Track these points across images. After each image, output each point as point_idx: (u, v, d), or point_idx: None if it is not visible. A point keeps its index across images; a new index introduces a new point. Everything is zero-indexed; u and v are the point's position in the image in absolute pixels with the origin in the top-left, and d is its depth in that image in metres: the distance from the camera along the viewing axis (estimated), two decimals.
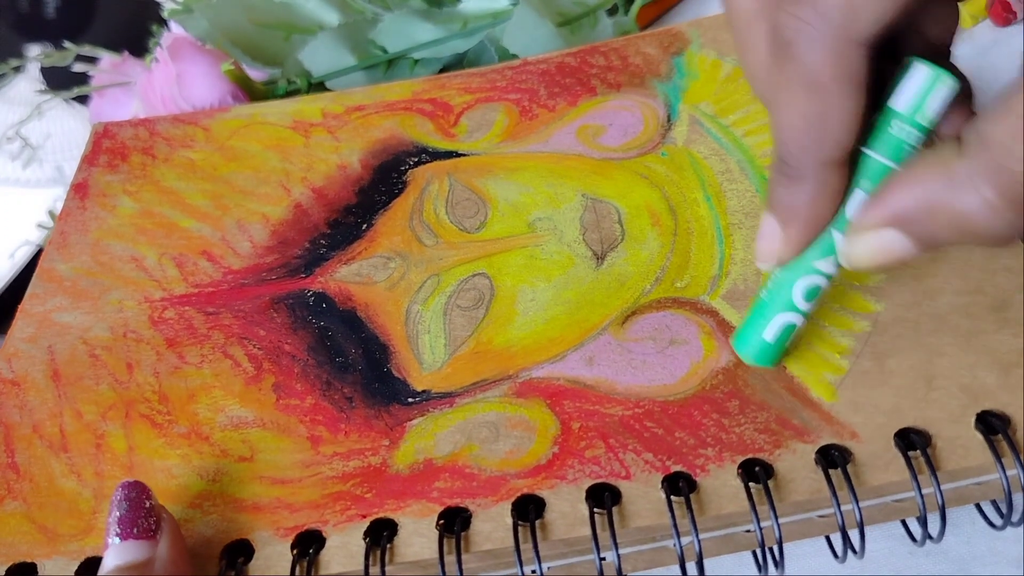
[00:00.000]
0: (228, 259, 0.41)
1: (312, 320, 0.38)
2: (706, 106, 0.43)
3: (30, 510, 0.33)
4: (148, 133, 0.48)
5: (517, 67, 0.47)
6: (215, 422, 0.35)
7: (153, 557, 0.29)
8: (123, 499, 0.29)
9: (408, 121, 0.46)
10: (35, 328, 0.39)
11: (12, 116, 0.63)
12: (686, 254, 0.37)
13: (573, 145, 0.43)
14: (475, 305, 0.37)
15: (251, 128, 0.47)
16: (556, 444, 0.32)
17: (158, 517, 0.30)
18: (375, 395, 0.35)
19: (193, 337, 0.38)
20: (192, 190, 0.44)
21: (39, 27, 0.76)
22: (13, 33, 0.75)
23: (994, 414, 0.30)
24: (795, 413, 0.32)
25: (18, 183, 0.64)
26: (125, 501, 0.29)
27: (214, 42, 0.52)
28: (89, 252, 0.42)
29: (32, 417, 0.36)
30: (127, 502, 0.29)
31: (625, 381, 0.34)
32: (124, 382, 0.37)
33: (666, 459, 0.31)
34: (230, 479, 0.33)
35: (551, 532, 0.30)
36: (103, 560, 0.29)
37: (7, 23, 0.76)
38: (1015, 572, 0.33)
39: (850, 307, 0.34)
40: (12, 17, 0.76)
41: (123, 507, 0.29)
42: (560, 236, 0.39)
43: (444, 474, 0.32)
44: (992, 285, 0.34)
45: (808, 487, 0.30)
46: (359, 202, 0.42)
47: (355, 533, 0.31)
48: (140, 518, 0.29)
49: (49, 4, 0.75)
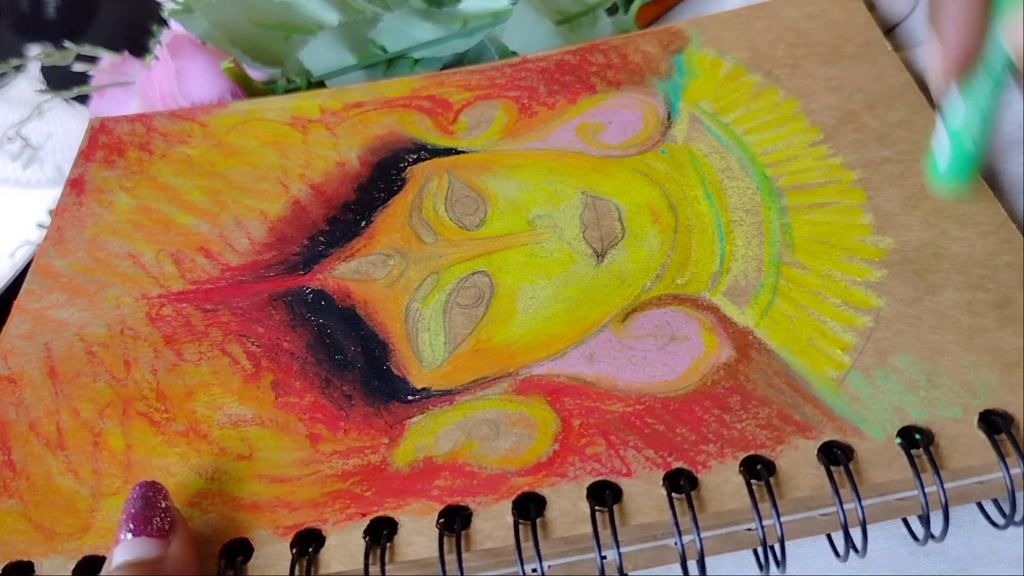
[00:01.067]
0: (226, 256, 0.41)
1: (311, 317, 0.38)
2: (706, 104, 0.43)
3: (27, 508, 0.33)
4: (145, 129, 0.47)
5: (516, 64, 0.47)
6: (213, 420, 0.34)
7: (165, 556, 0.29)
8: (139, 497, 0.30)
9: (407, 118, 0.45)
10: (31, 325, 0.39)
11: (12, 116, 0.63)
12: (686, 251, 0.37)
13: (573, 142, 0.43)
14: (475, 303, 0.37)
15: (249, 124, 0.47)
16: (557, 441, 0.32)
17: (172, 518, 0.30)
18: (375, 393, 0.35)
19: (191, 334, 0.38)
20: (189, 186, 0.44)
21: (39, 27, 0.76)
22: (13, 33, 0.75)
23: (997, 413, 0.30)
24: (797, 409, 0.31)
25: (18, 183, 0.64)
26: (141, 499, 0.29)
27: (214, 42, 0.52)
28: (85, 248, 0.42)
29: (29, 414, 0.36)
30: (143, 500, 0.29)
31: (626, 378, 0.33)
32: (122, 379, 0.36)
33: (667, 455, 0.31)
34: (229, 477, 0.33)
35: (552, 530, 0.30)
36: (112, 555, 0.29)
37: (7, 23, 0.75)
38: (1015, 572, 0.32)
39: (852, 303, 0.34)
40: (12, 17, 0.76)
41: (138, 504, 0.29)
42: (560, 233, 0.39)
43: (444, 472, 0.32)
44: (994, 282, 0.34)
45: (810, 483, 0.30)
46: (358, 199, 0.42)
47: (355, 532, 0.30)
48: (155, 516, 0.29)
49: (49, 4, 0.75)
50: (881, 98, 0.41)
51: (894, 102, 0.40)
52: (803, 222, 0.37)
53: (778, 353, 0.33)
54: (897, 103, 0.40)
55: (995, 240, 0.35)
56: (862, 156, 0.39)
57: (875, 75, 0.42)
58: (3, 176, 0.64)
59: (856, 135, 0.40)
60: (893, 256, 0.35)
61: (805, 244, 0.36)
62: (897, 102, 0.40)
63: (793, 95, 0.42)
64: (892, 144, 0.39)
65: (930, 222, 0.36)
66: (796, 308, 0.34)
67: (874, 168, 0.38)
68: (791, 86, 0.42)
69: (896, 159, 0.38)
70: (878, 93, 0.41)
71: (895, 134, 0.39)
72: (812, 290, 0.35)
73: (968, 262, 0.34)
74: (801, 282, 0.35)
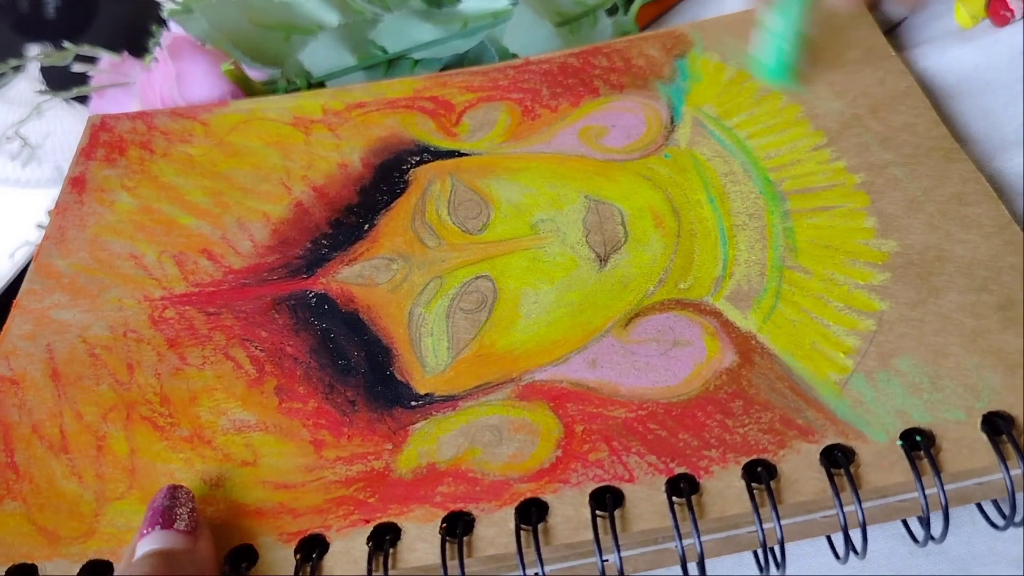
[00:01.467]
0: (229, 258, 0.41)
1: (314, 322, 0.38)
2: (709, 108, 0.43)
3: (30, 511, 0.33)
4: (146, 127, 0.47)
5: (519, 66, 0.47)
6: (218, 425, 0.34)
7: (191, 550, 0.29)
8: (167, 495, 0.30)
9: (409, 119, 0.45)
10: (33, 325, 0.39)
11: (12, 116, 0.63)
12: (689, 255, 0.37)
13: (576, 146, 0.43)
14: (478, 308, 0.37)
15: (251, 124, 0.47)
16: (559, 447, 0.32)
17: (199, 519, 0.30)
18: (378, 398, 0.35)
19: (194, 338, 0.38)
20: (191, 186, 0.44)
21: (39, 27, 0.76)
22: (13, 33, 0.75)
23: (999, 415, 0.30)
24: (799, 413, 0.32)
25: (18, 183, 0.64)
26: (169, 497, 0.30)
27: (214, 42, 0.52)
28: (87, 248, 0.42)
29: (31, 417, 0.36)
30: (171, 499, 0.30)
31: (628, 383, 0.33)
32: (125, 383, 0.36)
33: (670, 461, 0.31)
34: (233, 484, 0.33)
35: (554, 537, 0.30)
36: (133, 547, 0.29)
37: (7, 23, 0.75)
38: (1015, 572, 0.32)
39: (855, 306, 0.34)
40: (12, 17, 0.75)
41: (167, 502, 0.30)
42: (563, 238, 0.39)
43: (447, 478, 0.32)
44: (997, 284, 0.34)
45: (812, 488, 0.30)
46: (360, 201, 0.42)
47: (358, 538, 0.30)
48: (185, 513, 0.30)
49: (49, 4, 0.75)
50: (884, 102, 0.41)
51: (897, 106, 0.40)
52: (806, 226, 0.37)
53: (781, 357, 0.33)
54: (900, 107, 0.40)
55: (998, 242, 0.35)
56: (865, 160, 0.39)
57: (878, 79, 0.42)
58: (3, 176, 0.65)
59: (859, 139, 0.40)
60: (896, 259, 0.35)
61: (808, 248, 0.36)
62: (900, 106, 0.40)
63: (796, 100, 0.42)
64: (895, 148, 0.39)
65: (933, 225, 0.36)
66: (799, 312, 0.35)
67: (877, 172, 0.38)
68: (794, 90, 0.42)
69: (899, 163, 0.38)
70: (881, 97, 0.41)
71: (898, 138, 0.39)
72: (815, 294, 0.35)
73: (971, 264, 0.34)
74: (804, 286, 0.35)
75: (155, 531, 0.29)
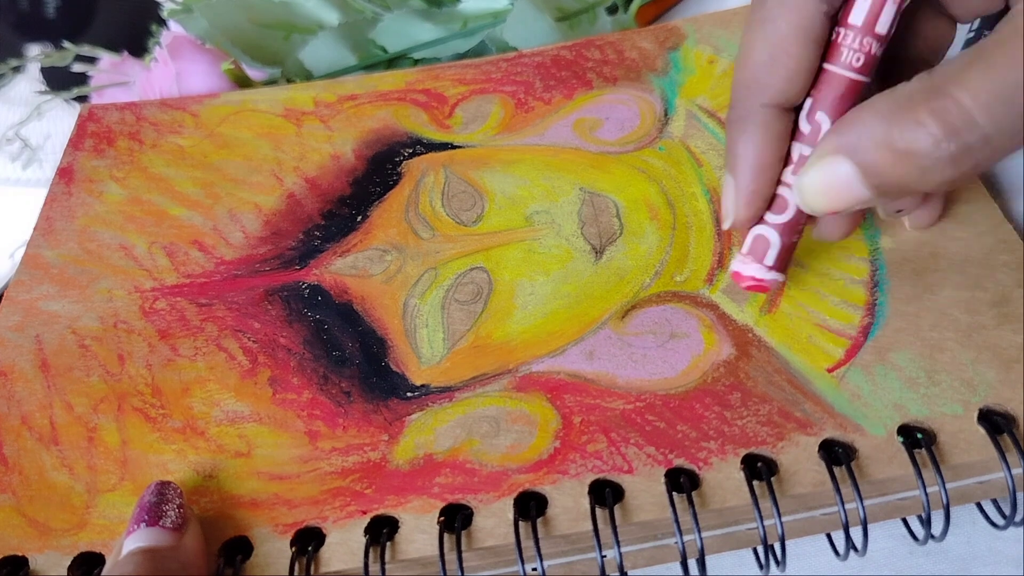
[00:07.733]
0: (220, 249, 0.40)
1: (308, 313, 0.37)
2: (703, 101, 0.43)
3: (20, 503, 0.32)
4: (135, 118, 0.47)
5: (512, 59, 0.47)
6: (210, 417, 0.34)
7: (177, 547, 0.28)
8: (154, 492, 0.30)
9: (402, 111, 0.45)
10: (21, 316, 0.38)
11: (12, 116, 0.63)
12: (685, 248, 0.37)
13: (570, 138, 0.42)
14: (473, 299, 0.37)
15: (241, 115, 0.46)
16: (557, 438, 0.32)
17: (185, 516, 0.30)
18: (373, 389, 0.34)
19: (186, 329, 0.37)
20: (182, 177, 0.43)
21: (39, 27, 0.75)
22: (13, 33, 0.75)
23: (998, 412, 0.30)
24: (797, 406, 0.32)
25: (18, 183, 0.63)
26: (156, 494, 0.30)
27: (214, 42, 0.52)
28: (76, 239, 0.41)
29: (21, 408, 0.35)
30: (158, 495, 0.30)
31: (626, 375, 0.33)
32: (116, 374, 0.36)
33: (668, 452, 0.31)
34: (227, 475, 0.32)
35: (553, 528, 0.30)
36: (120, 544, 0.29)
37: (7, 23, 0.75)
38: (1015, 572, 0.33)
39: (851, 301, 0.34)
40: (12, 17, 0.75)
41: (154, 499, 0.30)
42: (558, 230, 0.39)
43: (445, 469, 0.31)
44: (992, 281, 0.34)
45: (812, 479, 0.30)
46: (353, 193, 0.42)
47: (355, 530, 0.30)
48: (171, 510, 0.29)
49: (49, 4, 0.75)
50: None
51: None
52: None
53: (777, 350, 0.33)
54: None
55: (992, 240, 0.35)
56: None
57: None
58: (3, 176, 0.64)
59: None
60: (891, 255, 0.35)
61: (803, 242, 0.36)
62: None
63: None
64: None
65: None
66: (795, 306, 0.35)
67: None
68: None
69: None
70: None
71: None
72: (811, 288, 0.35)
73: (965, 261, 0.35)
74: (799, 280, 0.35)
75: (140, 528, 0.29)
